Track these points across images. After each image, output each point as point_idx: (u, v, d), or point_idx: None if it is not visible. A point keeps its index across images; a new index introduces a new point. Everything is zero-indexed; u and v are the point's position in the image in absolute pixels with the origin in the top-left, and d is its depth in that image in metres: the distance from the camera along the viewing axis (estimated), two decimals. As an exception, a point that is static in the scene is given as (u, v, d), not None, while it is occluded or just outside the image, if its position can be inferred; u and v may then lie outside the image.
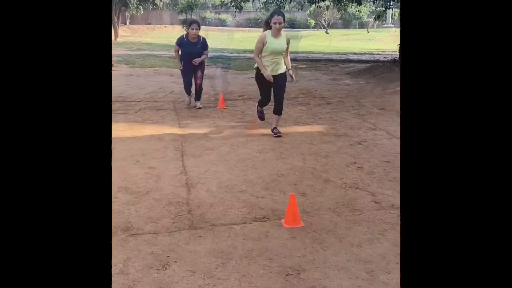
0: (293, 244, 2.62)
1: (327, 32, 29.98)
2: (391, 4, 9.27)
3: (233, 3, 12.28)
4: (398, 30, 10.64)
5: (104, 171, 1.29)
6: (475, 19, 1.28)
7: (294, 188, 3.43)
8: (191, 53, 6.09)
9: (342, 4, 12.27)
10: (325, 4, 12.84)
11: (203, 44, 6.18)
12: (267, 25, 4.71)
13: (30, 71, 1.24)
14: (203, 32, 6.88)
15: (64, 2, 1.28)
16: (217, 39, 21.01)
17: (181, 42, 6.13)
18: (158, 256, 2.47)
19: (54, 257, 1.21)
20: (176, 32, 26.75)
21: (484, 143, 1.26)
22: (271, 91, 4.84)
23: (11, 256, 1.17)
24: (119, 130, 5.05)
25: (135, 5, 25.35)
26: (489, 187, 1.24)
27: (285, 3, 12.76)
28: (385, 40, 25.64)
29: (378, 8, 14.06)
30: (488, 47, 1.27)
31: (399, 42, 10.92)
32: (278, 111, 4.89)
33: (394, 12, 29.78)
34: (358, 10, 27.68)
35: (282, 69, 4.73)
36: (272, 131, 4.94)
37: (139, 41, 21.72)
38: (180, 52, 6.25)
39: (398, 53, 11.07)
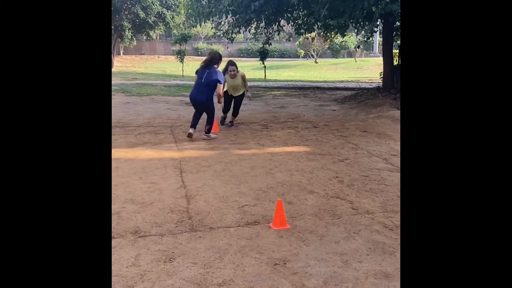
0: (280, 241, 3.05)
1: (316, 62, 30.99)
2: (372, 34, 9.96)
3: (225, 35, 12.96)
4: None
5: (105, 178, 1.48)
6: (475, 23, 1.31)
7: (282, 198, 3.85)
8: None
9: (327, 35, 13.06)
10: (310, 36, 13.58)
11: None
12: (225, 72, 7.04)
13: (33, 96, 1.39)
14: (195, 62, 7.53)
15: (65, 28, 1.40)
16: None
17: None
18: (164, 252, 2.88)
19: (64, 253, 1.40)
20: (169, 62, 27.52)
21: (482, 150, 1.29)
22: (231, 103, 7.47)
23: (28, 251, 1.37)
24: (121, 152, 5.48)
25: (129, 37, 26.16)
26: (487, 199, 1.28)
27: (274, 35, 13.50)
28: (372, 69, 26.60)
29: (362, 38, 14.93)
30: (488, 50, 1.30)
31: (382, 70, 11.63)
32: (234, 114, 7.52)
33: (379, 42, 30.95)
34: (344, 41, 28.69)
35: (239, 93, 7.40)
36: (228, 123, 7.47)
37: (133, 71, 22.39)
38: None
39: (381, 81, 11.74)
